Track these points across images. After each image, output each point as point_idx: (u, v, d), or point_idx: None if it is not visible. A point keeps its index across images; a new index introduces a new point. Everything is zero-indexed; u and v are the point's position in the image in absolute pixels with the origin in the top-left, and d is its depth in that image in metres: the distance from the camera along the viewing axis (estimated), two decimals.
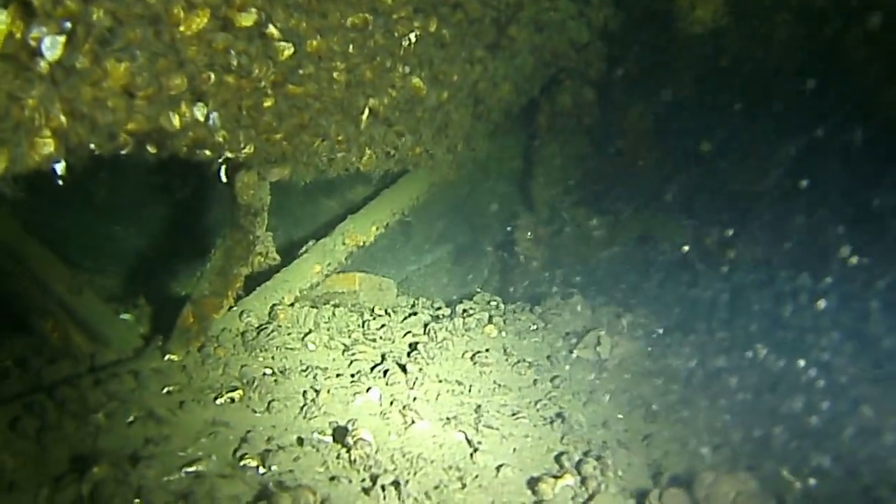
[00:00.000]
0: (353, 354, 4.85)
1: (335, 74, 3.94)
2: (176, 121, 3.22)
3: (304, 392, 4.34)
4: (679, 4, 6.87)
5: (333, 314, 5.28)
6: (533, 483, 3.73)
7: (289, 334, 4.98)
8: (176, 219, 6.20)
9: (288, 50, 3.56)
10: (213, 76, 3.26)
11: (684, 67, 7.16)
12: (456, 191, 6.76)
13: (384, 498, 3.42)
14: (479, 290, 6.37)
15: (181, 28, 3.06)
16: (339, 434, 3.90)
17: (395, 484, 3.49)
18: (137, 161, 3.49)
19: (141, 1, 2.83)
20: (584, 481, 3.72)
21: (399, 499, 3.42)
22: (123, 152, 3.21)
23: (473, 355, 4.96)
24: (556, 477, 3.74)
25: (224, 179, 4.10)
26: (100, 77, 2.85)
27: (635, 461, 4.03)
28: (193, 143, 3.48)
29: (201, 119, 3.32)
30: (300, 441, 3.86)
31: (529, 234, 6.18)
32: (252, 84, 3.52)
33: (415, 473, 3.69)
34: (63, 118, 2.76)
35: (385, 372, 4.62)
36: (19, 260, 4.92)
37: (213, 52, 3.21)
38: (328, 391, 4.36)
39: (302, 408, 4.20)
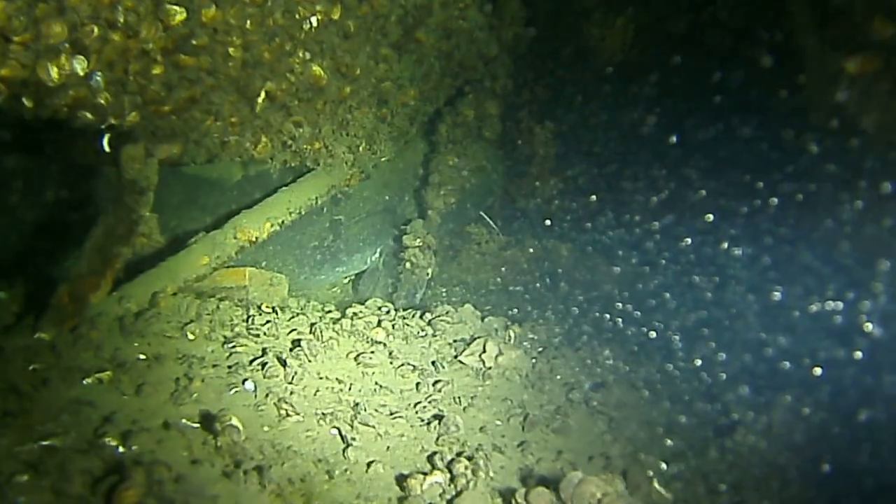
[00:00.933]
0: (232, 347, 4.73)
1: (231, 50, 3.85)
2: (54, 73, 3.10)
3: (177, 379, 4.20)
4: (590, 32, 7.00)
5: (217, 307, 5.15)
6: (402, 479, 3.67)
7: (168, 323, 4.84)
8: (57, 198, 5.99)
9: (180, 15, 3.46)
10: (96, 30, 3.15)
11: (591, 95, 7.30)
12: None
13: (245, 482, 3.33)
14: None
15: None
16: (208, 421, 3.78)
17: (258, 469, 3.40)
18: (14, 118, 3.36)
19: None
20: (453, 479, 3.68)
21: (260, 483, 3.33)
22: None
23: (357, 356, 4.89)
24: (425, 474, 3.69)
25: (107, 149, 3.97)
26: None
27: (508, 465, 4.01)
28: (74, 102, 3.36)
29: (81, 74, 3.19)
30: (166, 425, 3.72)
31: (418, 240, 6.13)
32: (139, 46, 3.42)
33: (282, 463, 3.61)
34: None
35: (264, 365, 4.51)
36: None
37: (97, 3, 3.10)
38: (202, 380, 4.23)
39: (173, 394, 4.07)
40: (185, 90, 3.84)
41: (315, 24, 4.14)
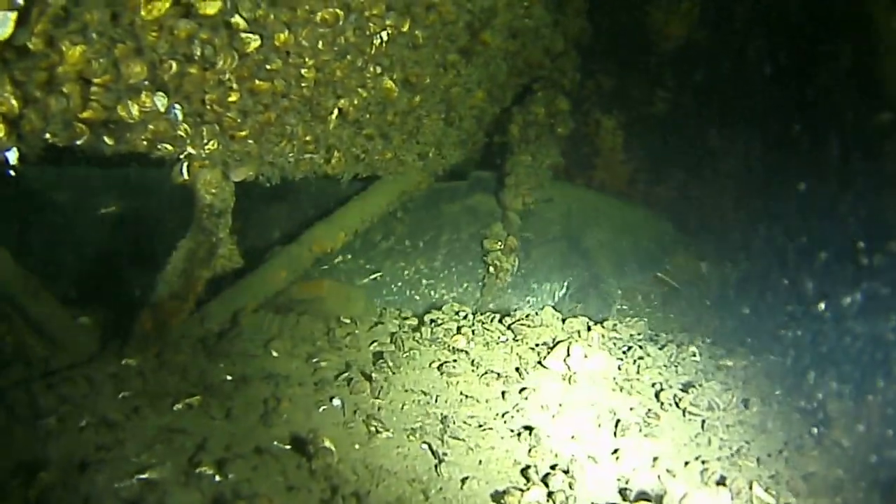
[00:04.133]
0: (316, 362, 4.73)
1: (304, 71, 3.83)
2: (135, 111, 3.10)
3: (265, 400, 4.20)
4: (652, 18, 6.87)
5: (298, 322, 5.15)
6: (498, 496, 3.63)
7: (251, 341, 4.85)
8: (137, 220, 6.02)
9: (255, 42, 3.45)
10: (174, 66, 3.14)
11: (656, 82, 7.17)
12: None
13: None
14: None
15: (141, 13, 2.94)
16: (299, 444, 3.79)
17: (356, 495, 3.40)
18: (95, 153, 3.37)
19: None
20: (550, 495, 3.63)
21: None
22: (79, 143, 3.08)
23: (440, 365, 4.85)
24: (521, 490, 3.64)
25: (186, 177, 3.96)
26: (55, 61, 2.73)
27: (604, 475, 3.93)
28: (154, 136, 3.36)
29: (162, 110, 3.19)
30: (259, 450, 3.72)
31: (499, 243, 6.06)
32: (216, 76, 3.41)
33: (377, 485, 3.60)
34: (14, 102, 2.62)
35: (349, 381, 4.51)
36: None
37: (174, 39, 3.09)
38: (290, 400, 4.23)
39: (262, 416, 4.07)
40: (260, 115, 3.84)
41: (385, 38, 4.10)
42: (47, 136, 2.92)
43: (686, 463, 4.11)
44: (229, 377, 4.43)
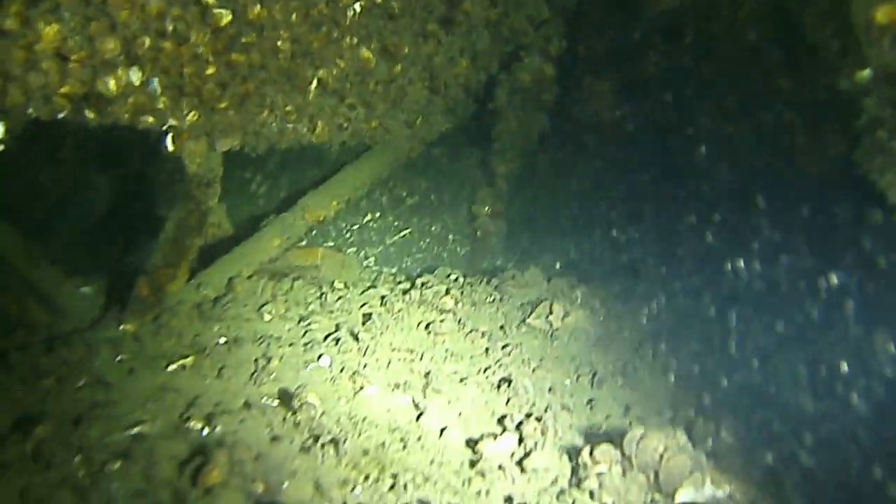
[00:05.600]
0: (307, 324, 4.91)
1: (279, 43, 4.00)
2: (112, 85, 3.28)
3: (256, 360, 4.39)
4: None
5: (292, 287, 5.34)
6: (472, 443, 3.81)
7: (245, 305, 5.04)
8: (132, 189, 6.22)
9: (227, 17, 3.61)
10: (148, 41, 3.32)
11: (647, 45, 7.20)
12: None
13: (322, 456, 3.50)
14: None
15: None
16: (286, 398, 3.97)
17: (334, 442, 3.57)
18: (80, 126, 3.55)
19: None
20: (522, 440, 3.80)
21: (336, 456, 3.50)
22: (61, 116, 3.27)
23: (428, 325, 5.03)
24: (495, 436, 3.82)
25: (171, 148, 4.14)
26: (32, 40, 2.91)
27: (577, 423, 4.11)
28: (134, 109, 3.53)
29: (137, 83, 3.37)
30: (247, 405, 3.90)
31: (487, 208, 6.21)
32: (191, 51, 3.58)
33: (358, 435, 3.78)
34: None
35: (338, 340, 4.69)
36: None
37: (146, 16, 3.27)
38: (280, 359, 4.41)
39: (252, 375, 4.25)
40: (239, 86, 4.00)
41: (359, 9, 4.25)
42: (30, 111, 3.11)
43: (658, 412, 4.29)
44: (223, 339, 4.61)
